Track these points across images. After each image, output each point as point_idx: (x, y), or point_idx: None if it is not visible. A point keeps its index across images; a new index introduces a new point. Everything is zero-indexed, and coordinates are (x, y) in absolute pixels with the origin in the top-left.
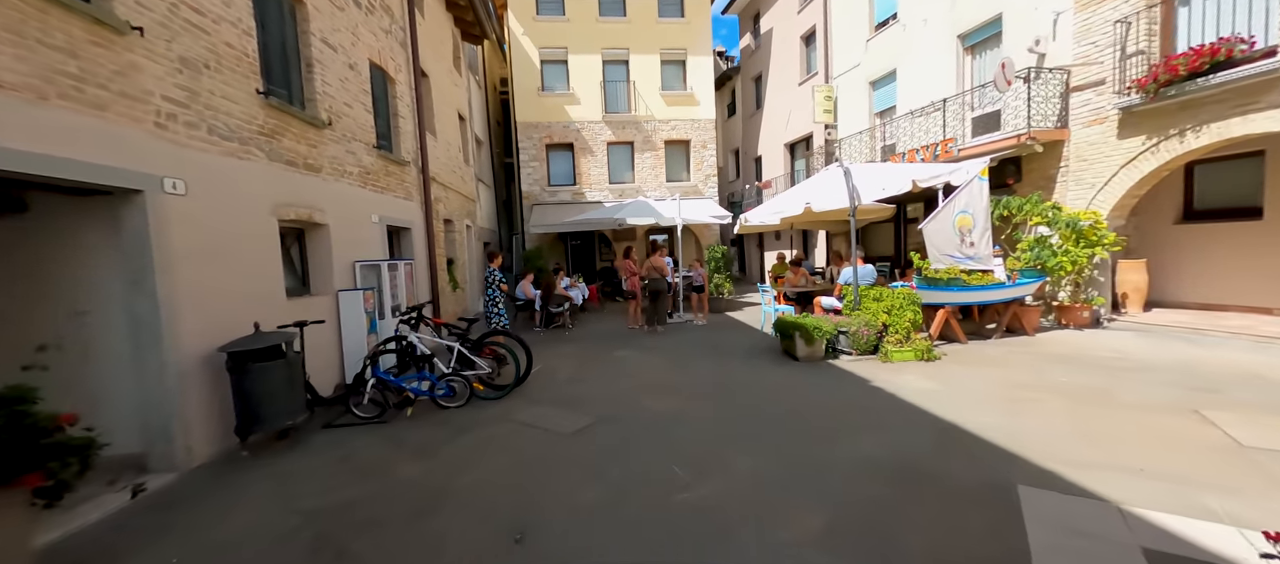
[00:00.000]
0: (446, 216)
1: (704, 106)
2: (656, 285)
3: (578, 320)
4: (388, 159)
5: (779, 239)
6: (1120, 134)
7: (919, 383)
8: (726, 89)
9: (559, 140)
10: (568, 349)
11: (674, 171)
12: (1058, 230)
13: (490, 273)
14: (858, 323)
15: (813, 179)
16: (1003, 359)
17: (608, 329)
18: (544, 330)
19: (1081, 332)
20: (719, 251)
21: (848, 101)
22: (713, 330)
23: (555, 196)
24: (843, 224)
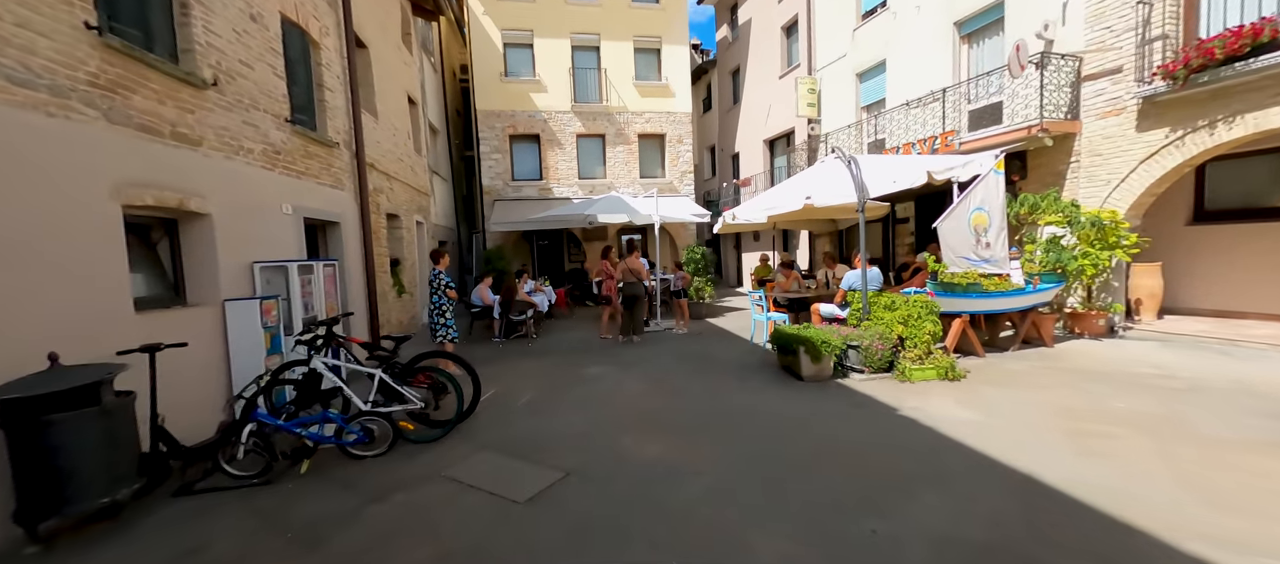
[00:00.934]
0: (391, 210)
1: (680, 98)
2: (633, 290)
3: (544, 329)
4: (308, 138)
5: (758, 240)
6: (1140, 126)
7: (956, 411)
8: (702, 83)
9: (524, 131)
10: (531, 366)
11: (648, 167)
12: (1078, 230)
13: (434, 276)
14: (870, 336)
15: (812, 171)
16: (1034, 378)
17: (578, 339)
18: (504, 342)
19: (1099, 342)
20: (698, 252)
21: (832, 94)
22: (696, 341)
23: (519, 192)
24: (827, 223)
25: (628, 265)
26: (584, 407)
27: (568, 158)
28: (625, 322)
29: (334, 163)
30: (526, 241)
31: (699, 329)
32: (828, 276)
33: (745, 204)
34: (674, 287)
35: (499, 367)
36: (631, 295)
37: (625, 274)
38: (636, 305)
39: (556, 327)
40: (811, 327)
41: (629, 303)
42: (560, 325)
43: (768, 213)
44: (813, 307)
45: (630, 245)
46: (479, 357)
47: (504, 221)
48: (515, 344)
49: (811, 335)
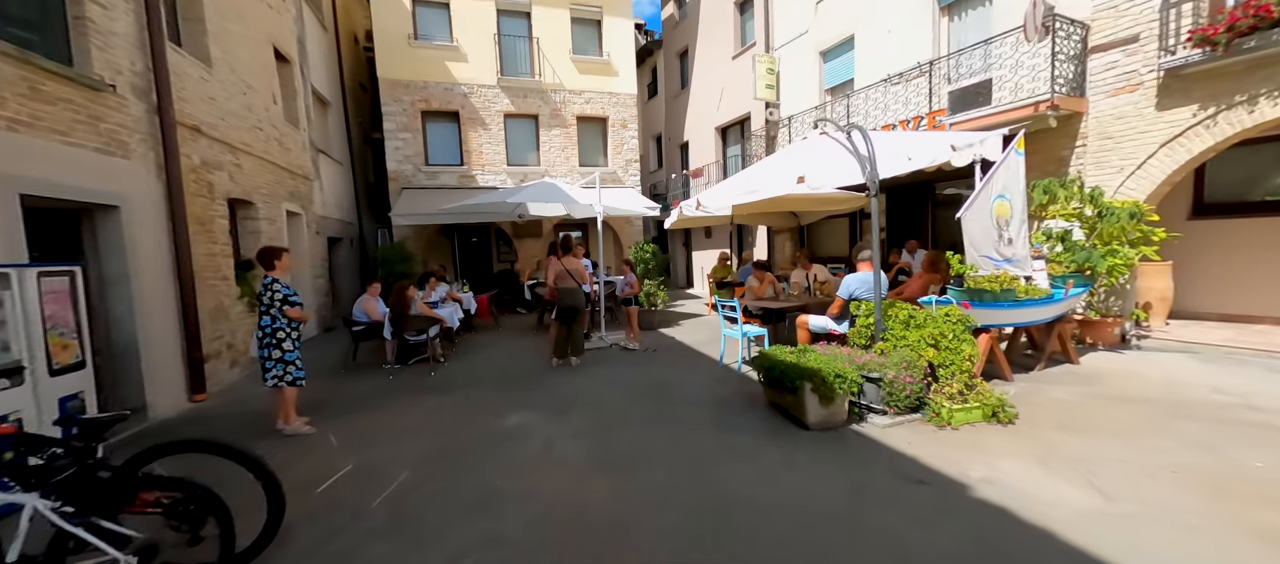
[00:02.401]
0: (238, 195)
1: (624, 78)
2: (571, 299)
3: (460, 347)
4: (39, 69)
5: (710, 237)
6: (1161, 104)
7: (1055, 487)
8: (646, 66)
9: (439, 107)
10: (422, 413)
11: (588, 154)
12: (1107, 224)
13: (265, 288)
14: (895, 365)
15: (802, 146)
16: (1100, 415)
17: (501, 362)
18: (398, 372)
19: (1118, 354)
20: (649, 250)
21: (792, 75)
22: (652, 362)
23: (435, 179)
24: (787, 217)
25: (566, 265)
26: (487, 506)
27: (494, 141)
28: (561, 339)
29: (106, 115)
30: (447, 239)
31: (652, 342)
32: (809, 281)
33: (712, 190)
34: (621, 292)
35: (373, 415)
36: (569, 306)
37: (560, 278)
38: (576, 320)
39: (476, 343)
40: (813, 352)
41: (565, 316)
42: (482, 341)
43: (747, 197)
44: (799, 319)
45: (566, 243)
46: (350, 398)
47: (411, 213)
48: (414, 373)
49: (821, 367)
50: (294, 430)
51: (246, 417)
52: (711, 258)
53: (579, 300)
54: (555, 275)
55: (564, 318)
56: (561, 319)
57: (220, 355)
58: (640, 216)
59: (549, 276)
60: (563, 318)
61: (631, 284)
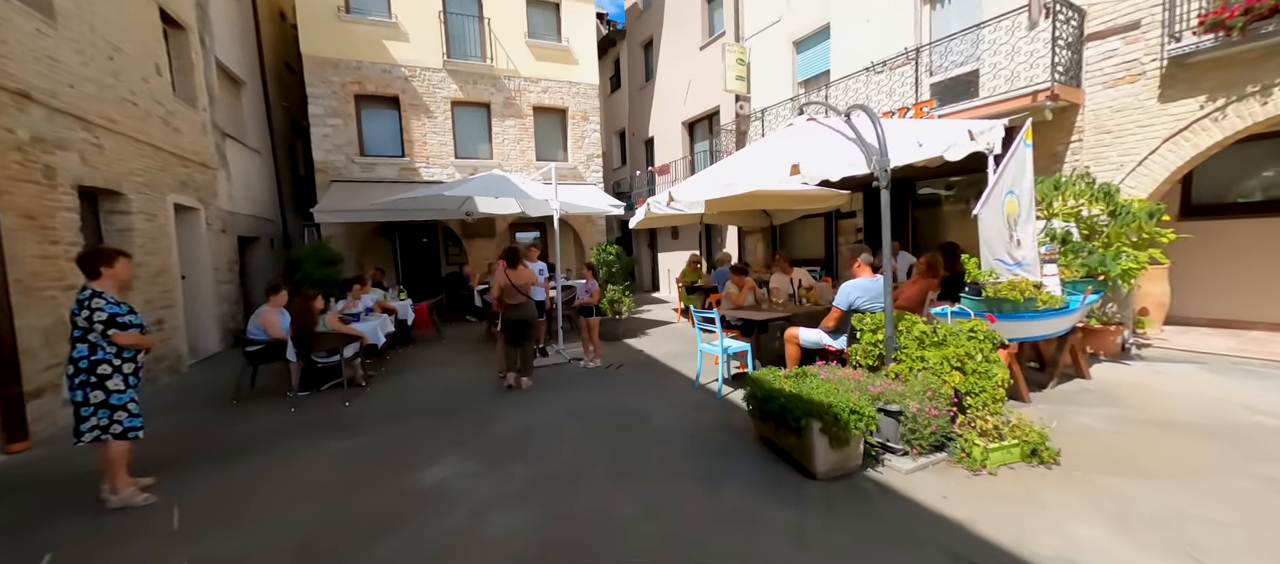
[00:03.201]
0: (100, 183)
1: (584, 67)
2: (520, 313)
3: (391, 365)
4: None
5: (677, 238)
6: (1164, 96)
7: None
8: (609, 58)
9: (376, 91)
10: (319, 465)
11: (547, 148)
12: (1119, 224)
13: (80, 304)
14: (916, 395)
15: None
16: (1150, 448)
17: (438, 384)
18: (311, 399)
19: (1124, 366)
20: (612, 252)
21: (764, 67)
22: (616, 384)
23: (372, 172)
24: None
25: (511, 281)
26: None
27: (440, 131)
28: (507, 358)
29: None
30: (387, 239)
31: (616, 356)
32: (795, 288)
33: (687, 183)
34: (580, 300)
35: (250, 470)
36: (519, 320)
37: (507, 294)
38: (527, 334)
39: (412, 359)
40: (814, 376)
41: (513, 331)
42: (419, 357)
43: (727, 191)
44: (788, 333)
45: (513, 255)
46: (229, 442)
47: (337, 209)
48: (325, 403)
49: (831, 400)
50: (122, 501)
51: (75, 476)
52: (678, 260)
53: (530, 314)
54: (500, 290)
55: (512, 334)
56: (509, 336)
57: (58, 388)
58: (603, 215)
59: (494, 290)
60: (510, 333)
61: (592, 291)
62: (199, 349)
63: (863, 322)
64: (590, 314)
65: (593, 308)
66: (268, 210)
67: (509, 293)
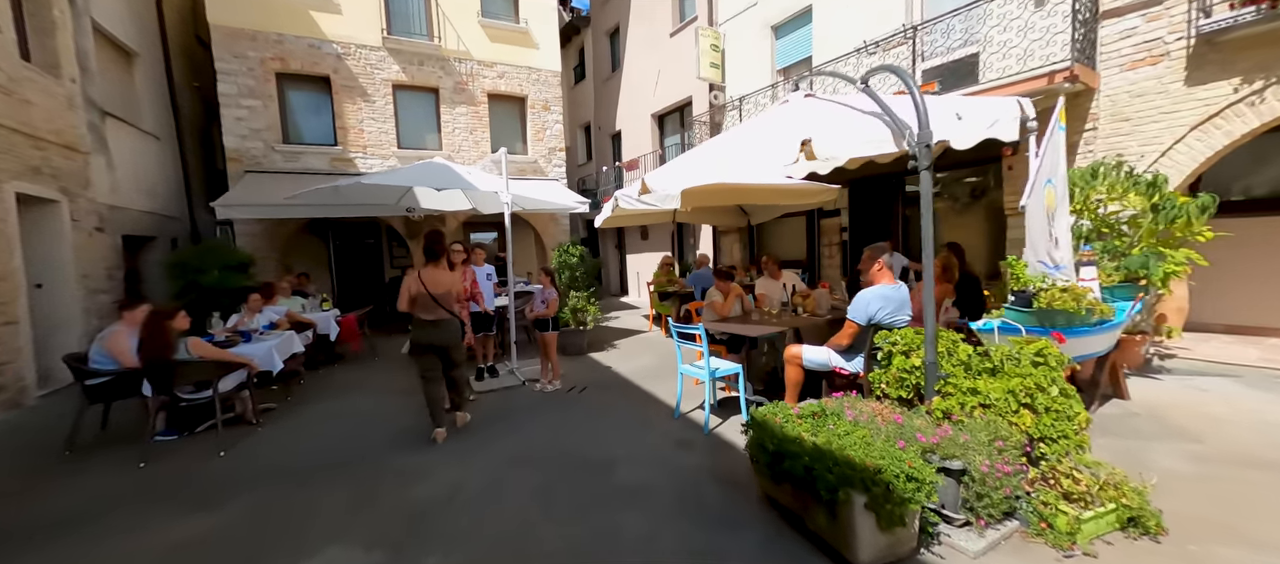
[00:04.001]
0: None
1: (545, 52)
2: (430, 336)
3: (291, 399)
4: None
5: (646, 238)
6: (1191, 77)
7: None
8: (572, 47)
9: (302, 69)
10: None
11: (504, 138)
12: (1167, 218)
13: None
14: (981, 445)
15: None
16: (1265, 504)
17: (350, 421)
18: (175, 446)
19: (1155, 380)
20: (577, 254)
21: (739, 55)
22: (577, 412)
23: (297, 161)
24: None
25: (424, 283)
26: None
27: (380, 117)
28: (433, 398)
29: None
30: (319, 239)
31: (580, 374)
32: (788, 296)
33: (666, 169)
34: (536, 311)
35: (40, 561)
36: (429, 346)
37: (418, 303)
38: (452, 360)
39: (329, 385)
40: (839, 419)
41: (425, 362)
42: (339, 381)
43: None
44: (789, 352)
45: (434, 242)
46: (36, 521)
47: (247, 203)
48: (195, 451)
49: (877, 460)
50: None
51: None
52: (648, 262)
53: (448, 337)
54: (410, 300)
55: (424, 368)
56: (420, 366)
57: None
58: (566, 213)
59: (402, 299)
60: (422, 369)
61: (549, 301)
62: (55, 377)
63: (890, 341)
64: (547, 328)
65: (551, 320)
66: (169, 206)
67: (421, 302)
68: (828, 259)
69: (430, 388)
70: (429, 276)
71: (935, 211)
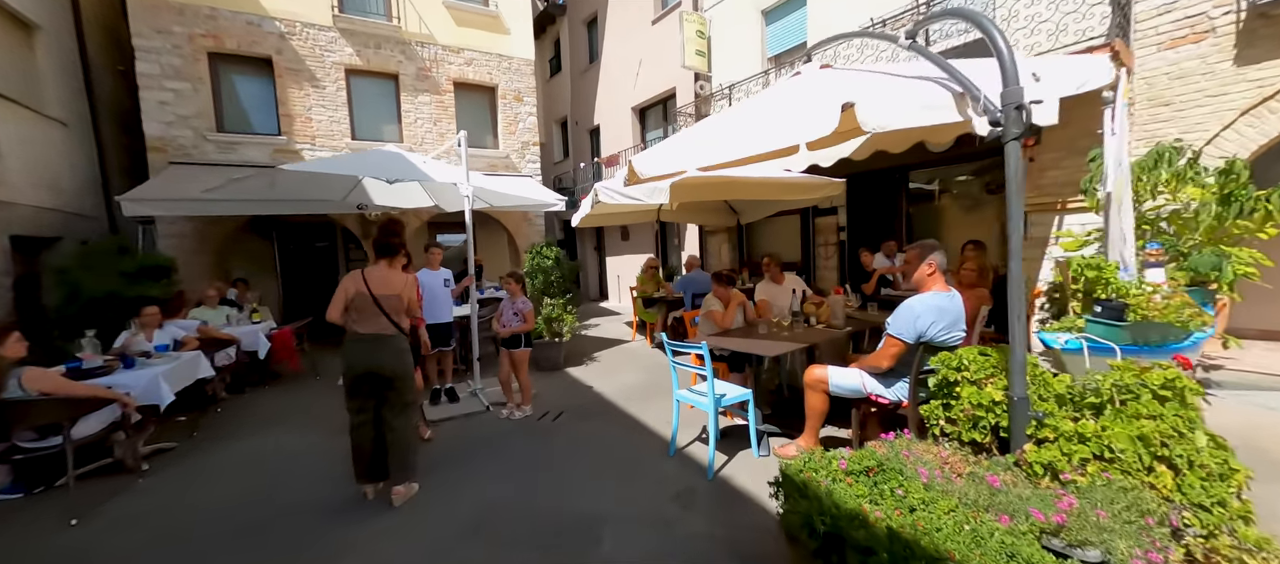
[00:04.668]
0: None
1: (517, 39)
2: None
3: (200, 435)
4: None
5: (627, 239)
6: (1241, 56)
7: None
8: (547, 38)
9: (239, 49)
10: None
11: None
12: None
13: None
14: (1121, 524)
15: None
16: None
17: (255, 475)
18: (20, 506)
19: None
20: (552, 255)
21: (727, 41)
22: (550, 448)
23: (233, 153)
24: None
25: (368, 284)
26: None
27: (331, 105)
28: (360, 444)
29: None
30: (264, 240)
31: (556, 396)
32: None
33: (658, 148)
34: (506, 326)
35: None
36: (375, 372)
37: (354, 313)
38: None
39: (252, 413)
40: (907, 478)
41: (358, 393)
42: (264, 409)
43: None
44: (810, 374)
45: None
46: None
47: (159, 197)
48: (37, 516)
49: (982, 542)
50: None
51: None
52: (629, 264)
53: (388, 362)
54: (345, 306)
55: (357, 405)
56: (352, 408)
57: None
58: (541, 211)
59: (335, 303)
60: (354, 403)
61: (523, 314)
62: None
63: (952, 365)
64: (519, 344)
65: (521, 337)
66: (81, 202)
67: (360, 310)
68: (824, 260)
69: (360, 436)
70: (377, 276)
71: (936, 209)
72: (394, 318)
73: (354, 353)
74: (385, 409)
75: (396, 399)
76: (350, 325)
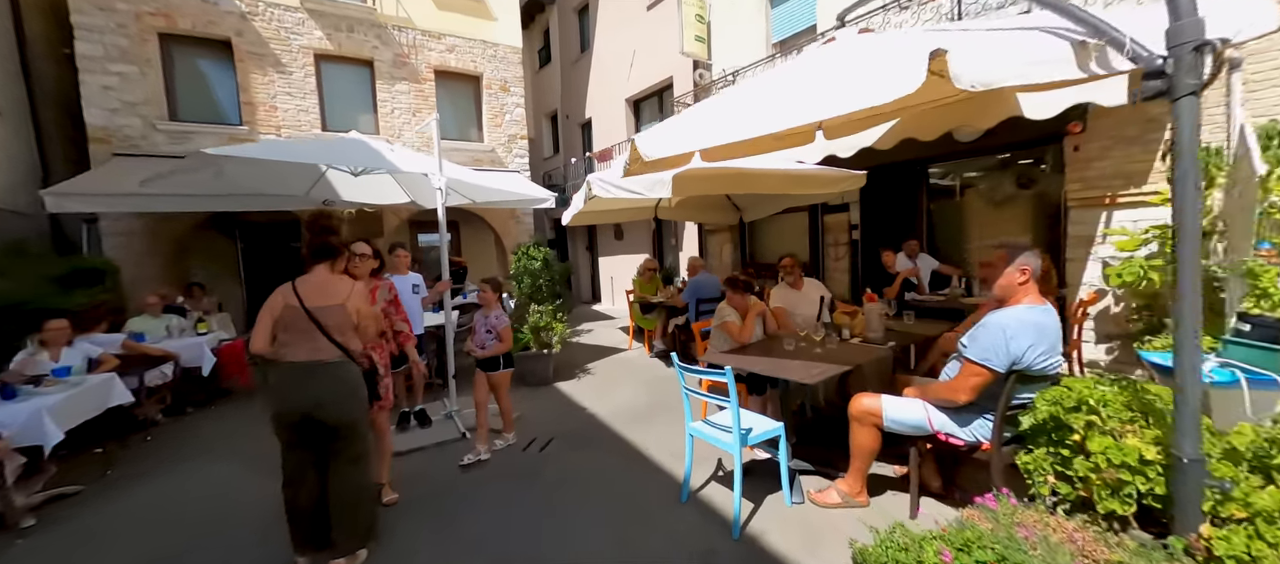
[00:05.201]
0: None
1: (504, 25)
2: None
3: (126, 467)
4: None
5: (621, 238)
6: None
7: None
8: (537, 27)
9: (194, 30)
10: None
11: (455, 124)
12: None
13: None
14: None
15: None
16: None
17: (182, 522)
18: None
19: None
20: (539, 256)
21: (727, 26)
22: (535, 491)
23: (188, 143)
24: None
25: (301, 296)
26: None
27: (298, 92)
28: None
29: None
30: (227, 238)
31: (543, 417)
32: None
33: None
34: (481, 347)
35: None
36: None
37: (285, 335)
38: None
39: (195, 441)
40: None
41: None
42: (208, 433)
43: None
44: (860, 405)
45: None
46: None
47: (90, 192)
48: None
49: None
50: None
51: None
52: (623, 264)
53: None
54: (272, 319)
55: (293, 458)
56: (285, 462)
57: None
58: (529, 209)
59: (258, 334)
60: (290, 458)
61: (499, 332)
62: None
63: (1068, 405)
64: (497, 366)
65: (499, 359)
66: (14, 198)
67: (291, 332)
68: (834, 261)
69: (297, 494)
70: (313, 285)
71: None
72: (338, 338)
73: (284, 389)
74: (331, 467)
75: (346, 450)
76: (280, 353)
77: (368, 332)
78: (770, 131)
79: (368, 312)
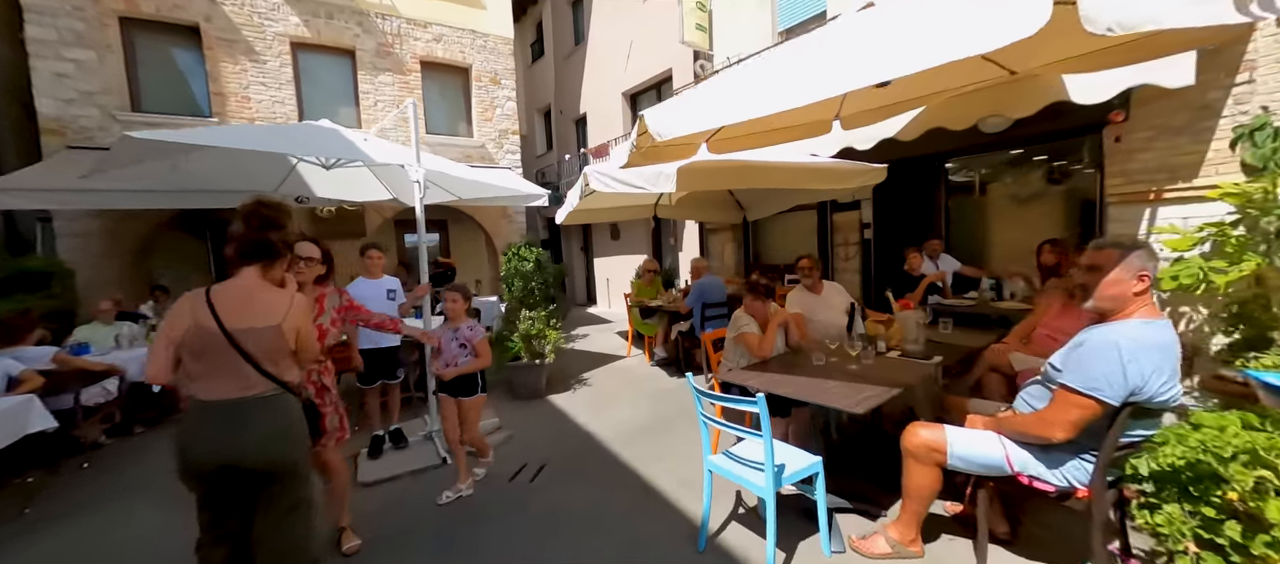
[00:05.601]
0: None
1: (494, 15)
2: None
3: (52, 501)
4: None
5: (618, 238)
6: None
7: None
8: (530, 20)
9: (158, 14)
10: None
11: (443, 118)
12: None
13: None
14: None
15: None
16: None
17: None
18: None
19: None
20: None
21: (730, 14)
22: (523, 531)
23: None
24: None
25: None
26: None
27: (273, 82)
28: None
29: None
30: (197, 238)
31: (534, 436)
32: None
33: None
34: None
35: None
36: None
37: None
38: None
39: (137, 467)
40: None
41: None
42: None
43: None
44: (916, 438)
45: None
46: None
47: (26, 188)
48: None
49: None
50: None
51: None
52: (620, 265)
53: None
54: (170, 345)
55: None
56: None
57: None
58: (521, 207)
59: (155, 361)
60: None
61: (473, 346)
62: None
63: (1223, 453)
64: (472, 389)
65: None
66: None
67: (201, 359)
68: (843, 262)
69: (210, 557)
70: (232, 296)
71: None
72: (267, 366)
73: (196, 435)
74: (258, 519)
75: (282, 498)
76: (187, 388)
77: (307, 356)
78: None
79: (309, 332)
